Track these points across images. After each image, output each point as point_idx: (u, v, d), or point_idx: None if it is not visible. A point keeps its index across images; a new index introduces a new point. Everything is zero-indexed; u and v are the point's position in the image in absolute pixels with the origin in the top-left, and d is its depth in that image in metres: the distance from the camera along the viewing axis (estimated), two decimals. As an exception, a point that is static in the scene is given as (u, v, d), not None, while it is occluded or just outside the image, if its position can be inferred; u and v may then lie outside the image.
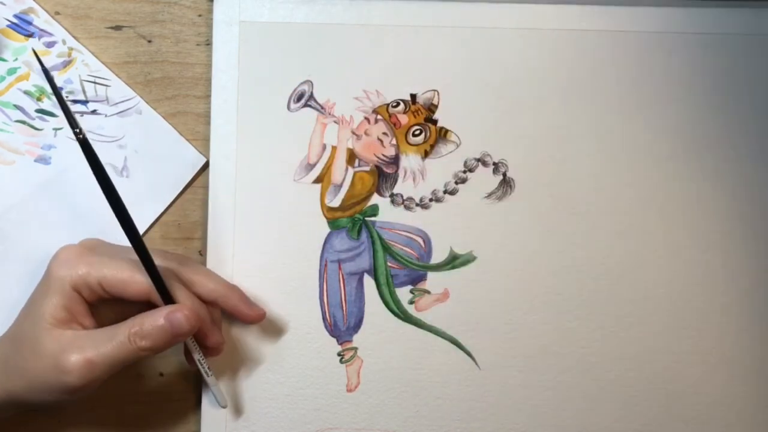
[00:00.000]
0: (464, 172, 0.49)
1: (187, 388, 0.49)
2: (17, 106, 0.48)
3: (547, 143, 0.48)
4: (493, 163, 0.49)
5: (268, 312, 0.48)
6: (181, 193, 0.49)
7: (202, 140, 0.49)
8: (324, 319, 0.48)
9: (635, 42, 0.49)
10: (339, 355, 0.48)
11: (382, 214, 0.49)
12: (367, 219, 0.48)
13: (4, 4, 0.48)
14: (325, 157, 0.49)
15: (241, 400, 0.48)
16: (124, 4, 0.49)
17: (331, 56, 0.48)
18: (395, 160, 0.49)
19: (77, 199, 0.48)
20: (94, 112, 0.48)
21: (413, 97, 0.49)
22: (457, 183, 0.49)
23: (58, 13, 0.48)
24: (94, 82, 0.48)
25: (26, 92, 0.48)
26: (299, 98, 0.48)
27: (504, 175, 0.49)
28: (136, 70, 0.49)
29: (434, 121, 0.49)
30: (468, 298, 0.48)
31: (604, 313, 0.48)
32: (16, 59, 0.48)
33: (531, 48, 0.49)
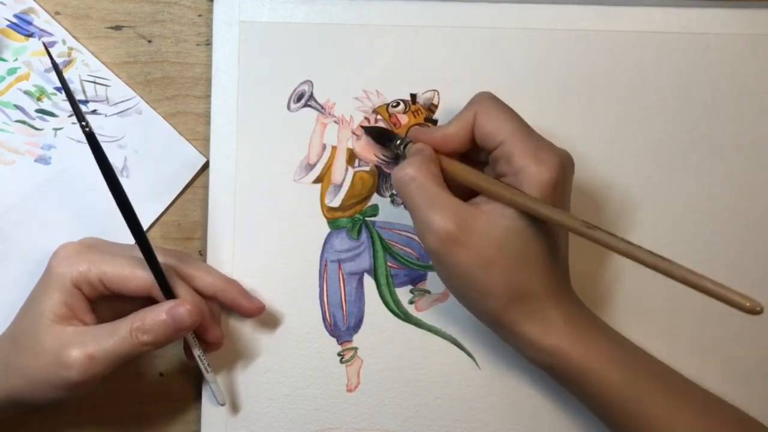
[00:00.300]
0: (464, 172, 0.49)
1: (186, 388, 0.49)
2: (17, 106, 0.48)
3: (547, 143, 0.48)
4: (493, 163, 0.49)
5: (268, 312, 0.48)
6: (181, 193, 0.49)
7: (202, 140, 0.49)
8: (324, 319, 0.48)
9: (635, 42, 0.49)
10: (339, 355, 0.48)
11: (382, 214, 0.49)
12: (367, 219, 0.48)
13: (4, 4, 0.48)
14: (325, 157, 0.49)
15: (242, 399, 0.48)
16: (124, 4, 0.49)
17: (331, 56, 0.48)
18: (395, 160, 0.49)
19: (77, 199, 0.48)
20: (94, 112, 0.48)
21: (413, 97, 0.49)
22: (457, 183, 0.49)
23: (58, 13, 0.48)
24: (94, 82, 0.48)
25: (26, 92, 0.48)
26: (299, 98, 0.48)
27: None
28: (136, 70, 0.49)
29: (434, 121, 0.49)
30: (468, 298, 0.48)
31: (603, 313, 0.48)
32: (16, 59, 0.48)
33: (531, 48, 0.49)
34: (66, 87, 0.41)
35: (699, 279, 0.34)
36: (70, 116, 0.48)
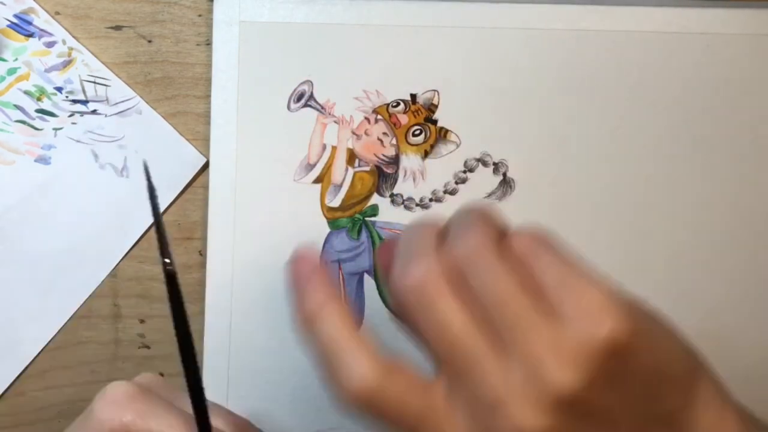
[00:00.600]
0: (464, 172, 0.49)
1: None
2: (17, 106, 0.48)
3: (547, 143, 0.48)
4: (493, 163, 0.49)
5: (269, 312, 0.48)
6: (181, 193, 0.49)
7: (202, 140, 0.49)
8: (324, 319, 0.48)
9: (635, 42, 0.49)
10: (339, 355, 0.48)
11: (382, 214, 0.49)
12: (367, 219, 0.48)
13: (4, 4, 0.48)
14: (325, 157, 0.49)
15: (242, 400, 0.48)
16: (124, 4, 0.49)
17: (331, 56, 0.48)
18: (395, 160, 0.49)
19: (77, 199, 0.48)
20: (94, 112, 0.48)
21: (413, 97, 0.49)
22: (457, 183, 0.49)
23: (58, 13, 0.48)
24: (94, 82, 0.48)
25: (26, 92, 0.48)
26: (299, 98, 0.48)
27: (504, 175, 0.49)
28: (136, 70, 0.49)
29: (434, 121, 0.49)
30: (468, 298, 0.48)
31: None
32: (16, 59, 0.48)
33: (531, 48, 0.49)
34: (158, 221, 0.33)
35: None
36: (70, 116, 0.48)
